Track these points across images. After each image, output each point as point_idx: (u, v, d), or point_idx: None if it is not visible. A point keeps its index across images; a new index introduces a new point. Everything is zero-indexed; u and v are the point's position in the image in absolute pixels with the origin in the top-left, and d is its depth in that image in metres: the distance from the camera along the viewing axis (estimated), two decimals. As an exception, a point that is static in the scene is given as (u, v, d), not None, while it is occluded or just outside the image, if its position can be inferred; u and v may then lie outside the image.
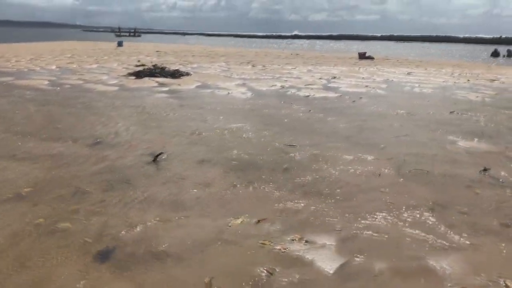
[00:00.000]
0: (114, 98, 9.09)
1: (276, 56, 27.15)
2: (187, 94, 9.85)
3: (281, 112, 7.90)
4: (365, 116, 7.72)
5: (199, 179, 4.31)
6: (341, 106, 8.65)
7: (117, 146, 5.40)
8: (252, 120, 7.12)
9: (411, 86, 12.07)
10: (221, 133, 6.18)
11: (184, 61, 20.06)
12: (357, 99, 9.60)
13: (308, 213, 3.55)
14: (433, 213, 3.58)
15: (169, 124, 6.68)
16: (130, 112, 7.56)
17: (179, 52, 27.85)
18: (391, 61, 23.61)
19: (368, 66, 19.26)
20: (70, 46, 32.99)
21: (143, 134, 6.06)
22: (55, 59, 19.35)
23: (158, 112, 7.65)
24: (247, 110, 8.12)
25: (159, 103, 8.59)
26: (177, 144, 5.59)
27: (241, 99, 9.30)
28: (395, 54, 35.62)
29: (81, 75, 13.16)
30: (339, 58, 26.53)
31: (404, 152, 5.42)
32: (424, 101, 9.53)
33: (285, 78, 13.66)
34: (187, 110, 7.85)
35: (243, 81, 12.51)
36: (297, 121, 7.16)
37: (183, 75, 13.61)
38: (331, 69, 17.69)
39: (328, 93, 10.43)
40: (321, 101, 9.33)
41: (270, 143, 5.69)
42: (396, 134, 6.35)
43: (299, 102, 9.02)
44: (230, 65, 18.53)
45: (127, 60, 19.40)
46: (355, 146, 5.64)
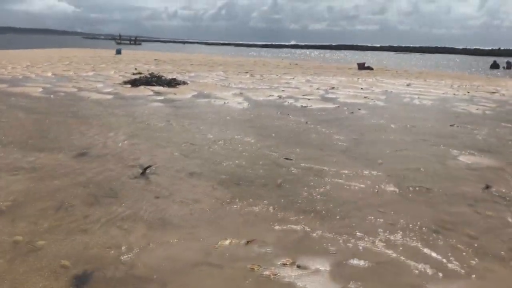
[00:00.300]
0: (107, 106, 8.89)
1: (275, 65, 27.04)
2: (182, 104, 9.66)
3: (277, 123, 7.71)
4: (363, 128, 7.53)
5: (188, 194, 4.10)
6: (339, 118, 8.46)
7: (106, 158, 5.19)
8: (247, 131, 6.92)
9: (410, 98, 11.91)
10: (214, 145, 5.97)
11: (182, 69, 19.92)
12: (356, 111, 9.41)
13: (301, 234, 3.33)
14: (435, 235, 3.37)
15: (161, 135, 6.48)
16: (122, 122, 7.36)
17: (177, 60, 27.72)
18: (390, 72, 23.49)
19: (367, 77, 19.13)
20: (68, 53, 32.89)
21: (133, 145, 5.85)
22: (52, 66, 19.19)
23: (150, 122, 7.45)
24: (242, 120, 7.92)
25: (153, 112, 8.40)
26: (168, 156, 5.38)
27: (237, 109, 9.11)
28: (395, 65, 35.58)
29: (76, 83, 12.98)
30: (338, 68, 26.44)
31: (403, 167, 5.21)
32: (424, 114, 9.35)
33: (283, 88, 13.50)
34: (181, 120, 7.66)
35: (240, 91, 12.33)
36: (293, 133, 6.96)
37: (180, 84, 13.43)
38: (330, 79, 17.55)
39: (326, 104, 10.25)
40: (319, 112, 9.14)
41: (265, 156, 5.49)
42: (395, 148, 6.15)
43: (296, 113, 8.83)
44: (228, 74, 18.38)
45: (124, 68, 19.25)
46: (353, 160, 5.44)
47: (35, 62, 21.18)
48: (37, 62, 21.31)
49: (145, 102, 9.76)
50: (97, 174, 4.59)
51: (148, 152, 5.49)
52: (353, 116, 8.78)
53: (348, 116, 8.76)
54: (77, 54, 31.77)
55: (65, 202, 3.82)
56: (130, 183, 4.36)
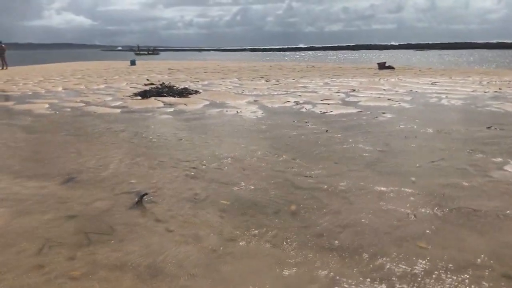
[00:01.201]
0: (112, 122, 8.36)
1: (291, 69, 26.33)
2: (192, 115, 9.07)
3: (294, 134, 7.03)
4: (390, 135, 6.78)
5: (188, 229, 3.45)
6: (362, 124, 7.73)
7: (100, 184, 4.60)
8: (260, 145, 6.27)
9: (437, 98, 11.06)
10: (223, 163, 5.32)
11: (195, 78, 19.41)
12: (380, 115, 8.65)
13: (322, 283, 2.64)
14: (498, 281, 2.63)
15: (166, 152, 5.87)
16: (125, 139, 6.79)
17: (191, 69, 27.29)
18: (412, 71, 22.51)
19: (388, 77, 18.26)
20: (82, 66, 32.85)
21: (133, 165, 5.25)
22: (63, 80, 18.94)
23: (156, 137, 6.86)
24: (256, 132, 7.27)
25: (160, 126, 7.83)
26: (170, 178, 4.76)
27: (251, 119, 8.46)
28: (416, 63, 34.47)
29: (85, 97, 12.56)
30: (357, 69, 25.56)
31: (441, 182, 4.46)
32: (455, 115, 8.53)
33: (300, 93, 12.80)
34: (188, 135, 7.05)
35: (255, 98, 11.69)
36: (312, 144, 6.27)
37: (192, 93, 12.88)
38: (350, 81, 16.76)
39: (347, 109, 9.51)
40: (339, 118, 8.42)
41: (279, 174, 4.81)
42: (428, 159, 5.39)
43: (314, 121, 8.13)
44: (242, 80, 17.77)
45: (136, 79, 18.85)
46: (381, 176, 4.72)
47: (48, 76, 21.01)
48: (50, 76, 21.14)
49: (153, 115, 9.21)
50: (87, 205, 3.99)
51: (149, 174, 4.89)
52: (378, 121, 8.02)
53: (372, 121, 8.01)
54: (91, 67, 31.69)
55: (51, 239, 3.25)
56: (123, 216, 3.74)
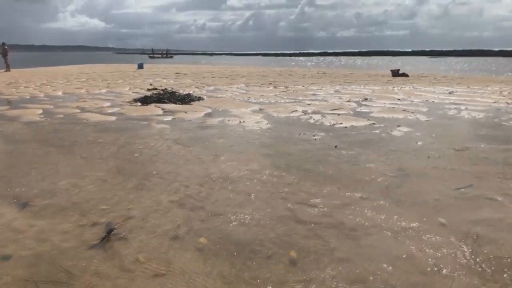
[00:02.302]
0: (103, 131, 7.71)
1: (301, 75, 25.58)
2: (191, 125, 8.39)
3: (299, 149, 6.31)
4: (406, 153, 6.02)
5: (157, 282, 2.75)
6: (375, 139, 6.98)
7: (65, 211, 3.92)
8: (261, 162, 5.56)
9: (457, 109, 10.25)
10: (214, 185, 4.62)
11: (201, 83, 18.76)
12: (394, 128, 7.90)
13: None
14: None
15: (153, 171, 5.18)
16: (110, 152, 6.12)
17: (199, 73, 26.67)
18: (427, 79, 21.62)
19: (402, 85, 17.43)
20: (90, 69, 32.44)
21: (112, 188, 4.56)
22: (66, 84, 18.43)
23: (145, 151, 6.19)
24: (257, 146, 6.56)
25: (153, 138, 7.15)
26: (150, 204, 4.07)
27: (253, 131, 7.75)
28: (430, 70, 33.51)
29: (83, 102, 11.97)
30: (370, 75, 24.73)
31: (471, 218, 3.72)
32: (478, 130, 7.74)
33: (309, 101, 12.06)
34: (183, 148, 6.37)
35: (260, 106, 10.99)
36: (319, 163, 5.54)
37: (194, 100, 12.22)
38: (362, 89, 15.99)
39: (358, 121, 8.76)
40: (350, 131, 7.68)
41: (279, 203, 4.10)
42: (453, 184, 4.63)
43: (322, 134, 7.40)
44: (249, 86, 17.08)
45: (140, 84, 18.25)
46: (398, 207, 3.98)
47: (52, 79, 20.54)
48: (54, 79, 20.67)
49: (150, 124, 8.54)
50: (42, 241, 3.31)
51: (127, 200, 4.20)
52: (392, 136, 7.26)
53: (386, 136, 7.25)
54: (97, 70, 31.25)
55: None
56: (82, 257, 3.06)
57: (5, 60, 27.24)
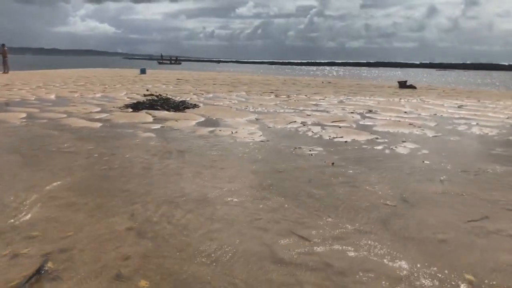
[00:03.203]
0: (83, 139, 7.10)
1: (306, 84, 24.93)
2: (179, 135, 7.75)
3: (291, 166, 5.64)
4: (411, 175, 5.33)
5: None
6: (377, 157, 6.30)
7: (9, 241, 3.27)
8: (247, 181, 4.90)
9: (467, 125, 9.54)
10: (184, 210, 3.96)
11: (201, 90, 18.17)
12: (399, 144, 7.22)
13: None
14: None
15: (120, 188, 4.53)
16: (82, 164, 5.49)
17: (201, 80, 26.10)
18: (436, 91, 20.87)
19: (410, 97, 16.72)
20: (91, 73, 31.99)
21: (65, 208, 3.91)
22: (62, 87, 17.92)
23: (121, 164, 5.54)
24: (246, 161, 5.91)
25: (134, 148, 6.52)
26: (97, 233, 3.40)
27: (245, 144, 7.10)
28: (439, 83, 32.74)
29: (72, 106, 11.40)
30: (376, 87, 24.03)
31: (488, 262, 3.03)
32: (492, 148, 7.03)
33: (309, 112, 11.40)
34: (163, 162, 5.72)
35: (257, 116, 10.34)
36: (312, 184, 4.87)
37: (189, 107, 11.60)
38: (367, 100, 15.30)
39: (360, 135, 8.07)
40: (350, 146, 7.00)
41: (256, 235, 3.43)
42: (466, 216, 3.94)
43: (319, 149, 6.73)
44: (250, 94, 16.45)
45: (138, 89, 17.69)
46: (399, 246, 3.29)
47: (49, 82, 20.06)
48: (51, 82, 20.18)
49: (135, 132, 7.92)
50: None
51: (71, 224, 3.54)
52: (396, 154, 6.57)
53: (389, 153, 6.57)
54: (99, 74, 30.77)
55: None
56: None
57: (4, 62, 26.84)
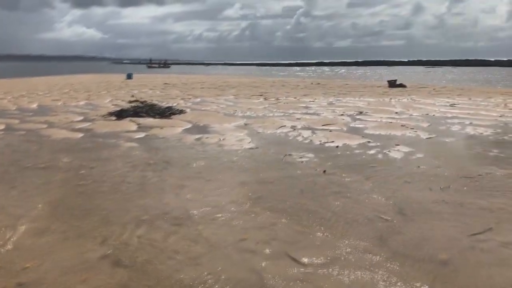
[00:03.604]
0: (61, 152, 6.75)
1: (295, 86, 24.67)
2: (163, 144, 7.43)
3: (282, 175, 5.34)
4: (407, 182, 5.06)
5: None
6: (370, 162, 6.02)
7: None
8: (232, 194, 4.60)
9: (460, 125, 9.31)
10: (169, 232, 3.64)
11: (189, 94, 17.82)
12: (392, 148, 6.96)
13: None
14: None
15: (95, 207, 4.20)
16: (57, 180, 5.14)
17: (188, 84, 25.72)
18: (426, 89, 20.70)
19: (400, 97, 16.53)
20: (76, 79, 31.47)
21: (30, 234, 3.57)
22: (46, 95, 17.48)
23: (95, 179, 5.21)
24: (234, 171, 5.60)
25: (115, 160, 6.18)
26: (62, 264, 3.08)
27: (232, 152, 6.79)
28: (428, 81, 32.69)
29: (53, 116, 11.02)
30: (365, 86, 23.85)
31: (496, 285, 2.75)
32: (489, 150, 6.77)
33: (299, 115, 11.12)
34: (143, 176, 5.39)
35: (246, 121, 10.04)
36: (302, 195, 4.58)
37: (175, 113, 11.27)
38: (357, 101, 15.07)
39: (352, 139, 7.80)
40: (342, 151, 6.73)
41: (242, 259, 3.13)
42: (468, 228, 3.67)
43: (310, 155, 6.45)
44: (238, 98, 16.13)
45: (124, 95, 17.31)
46: (397, 265, 3.01)
47: (32, 90, 19.60)
48: (35, 90, 19.73)
49: (117, 142, 7.58)
50: None
51: (42, 252, 3.22)
52: (390, 158, 6.31)
53: (382, 158, 6.30)
54: (84, 80, 30.29)
55: None
56: None
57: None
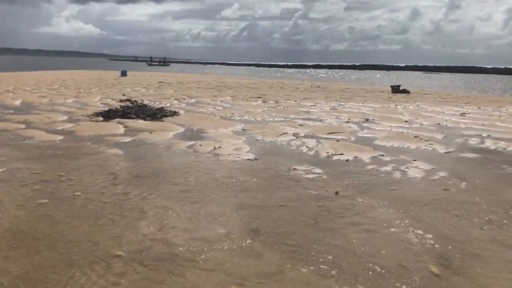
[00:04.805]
0: (33, 159, 5.88)
1: (294, 88, 23.82)
2: (151, 152, 6.57)
3: (288, 199, 4.50)
4: (438, 211, 4.23)
5: None
6: (388, 182, 5.20)
7: None
8: (229, 225, 3.76)
9: (478, 137, 8.50)
10: (139, 275, 2.80)
11: (183, 94, 16.93)
12: (409, 164, 6.14)
13: None
14: None
15: (55, 238, 3.34)
16: (16, 199, 4.27)
17: (184, 83, 24.79)
18: (431, 96, 19.94)
19: (405, 103, 15.73)
20: (68, 75, 30.41)
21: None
22: (32, 91, 16.54)
23: (68, 198, 4.34)
24: (228, 190, 4.75)
25: (91, 171, 5.31)
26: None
27: (229, 164, 5.94)
28: (430, 87, 31.97)
29: (36, 115, 10.13)
30: (367, 91, 23.04)
31: None
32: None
33: (301, 120, 10.30)
34: (120, 193, 4.53)
35: (244, 126, 9.20)
36: (317, 228, 3.74)
37: (168, 115, 10.41)
38: (361, 106, 14.26)
39: (362, 151, 6.98)
40: (353, 167, 5.91)
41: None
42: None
43: (318, 171, 5.62)
44: (236, 100, 15.26)
45: (115, 94, 16.40)
46: None
47: (19, 86, 18.64)
48: (22, 86, 18.78)
49: (99, 148, 6.71)
50: None
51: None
52: (409, 177, 5.47)
53: (401, 177, 5.46)
54: (76, 76, 29.25)
55: None
56: None
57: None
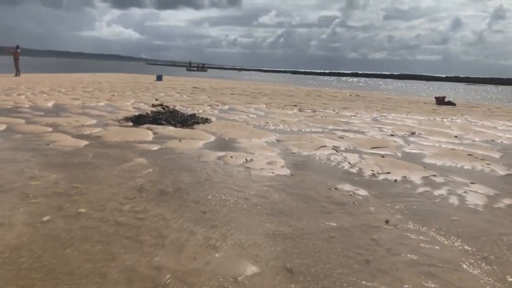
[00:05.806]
0: (52, 166, 5.46)
1: (332, 97, 23.01)
2: (178, 163, 6.06)
3: (330, 225, 3.85)
4: (502, 248, 3.48)
5: None
6: (445, 210, 4.45)
7: None
8: (258, 256, 3.15)
9: (543, 158, 7.58)
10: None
11: (217, 100, 16.50)
12: (467, 188, 5.36)
13: None
14: None
15: (59, 269, 2.83)
16: (21, 217, 3.81)
17: (218, 89, 24.41)
18: (479, 109, 18.72)
19: (452, 116, 14.71)
20: (104, 78, 30.70)
21: None
22: (67, 93, 16.51)
23: (78, 213, 3.84)
24: (259, 214, 4.14)
25: (110, 183, 4.82)
26: None
27: (260, 180, 5.34)
28: (476, 99, 30.41)
29: (65, 117, 9.87)
30: (410, 102, 21.95)
31: None
32: None
33: (341, 132, 9.59)
34: (144, 213, 4.00)
35: (278, 137, 8.58)
36: (368, 266, 3.08)
37: (199, 122, 9.93)
38: (404, 118, 13.37)
39: (412, 170, 6.22)
40: (402, 189, 5.19)
41: None
42: None
43: (363, 192, 4.93)
44: (270, 108, 14.67)
45: (149, 98, 16.12)
46: None
47: (56, 87, 18.73)
48: (58, 87, 18.87)
49: (124, 156, 6.26)
50: None
51: None
52: (470, 205, 4.70)
53: (460, 204, 4.70)
54: (112, 79, 29.43)
55: None
56: None
57: (15, 64, 26.08)
